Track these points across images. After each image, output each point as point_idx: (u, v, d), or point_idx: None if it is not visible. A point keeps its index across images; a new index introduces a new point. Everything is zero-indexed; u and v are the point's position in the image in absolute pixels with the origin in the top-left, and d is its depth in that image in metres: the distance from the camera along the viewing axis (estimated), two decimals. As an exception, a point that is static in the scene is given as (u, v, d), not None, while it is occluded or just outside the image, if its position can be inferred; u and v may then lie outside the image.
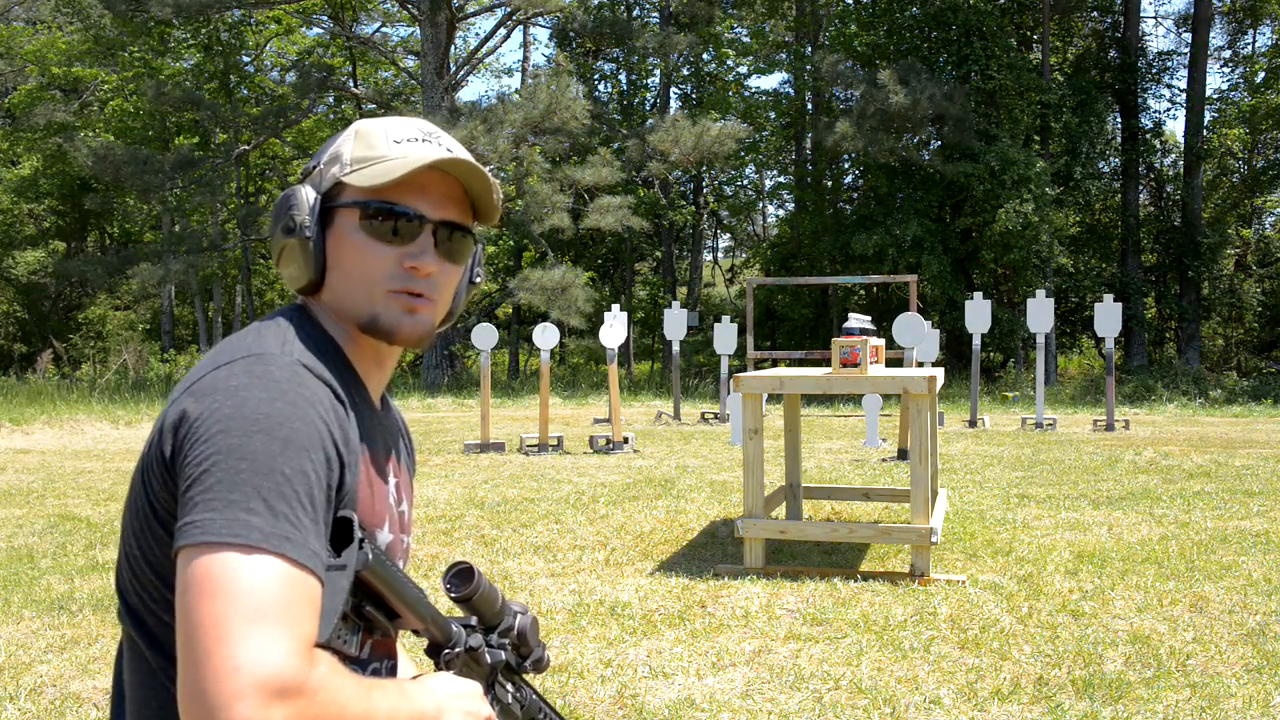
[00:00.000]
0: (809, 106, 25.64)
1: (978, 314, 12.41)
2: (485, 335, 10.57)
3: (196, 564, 0.92)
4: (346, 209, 1.17)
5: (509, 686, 1.21)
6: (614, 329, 10.49)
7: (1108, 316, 11.92)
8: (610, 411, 10.44)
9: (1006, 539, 5.45)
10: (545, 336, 10.38)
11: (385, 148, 1.18)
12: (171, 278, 20.36)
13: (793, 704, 3.14)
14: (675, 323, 14.13)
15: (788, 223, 28.13)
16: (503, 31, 21.69)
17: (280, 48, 28.49)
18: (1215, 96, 25.59)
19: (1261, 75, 25.42)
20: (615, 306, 13.35)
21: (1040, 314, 12.13)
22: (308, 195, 1.18)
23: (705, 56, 27.91)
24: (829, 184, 26.08)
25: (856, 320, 5.89)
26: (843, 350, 4.99)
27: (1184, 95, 23.33)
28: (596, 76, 28.02)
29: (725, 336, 13.69)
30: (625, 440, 9.97)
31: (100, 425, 13.18)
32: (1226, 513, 6.21)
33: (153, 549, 1.07)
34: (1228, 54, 27.02)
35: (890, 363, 12.50)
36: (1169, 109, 43.66)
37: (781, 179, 29.90)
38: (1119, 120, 24.21)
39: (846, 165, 25.82)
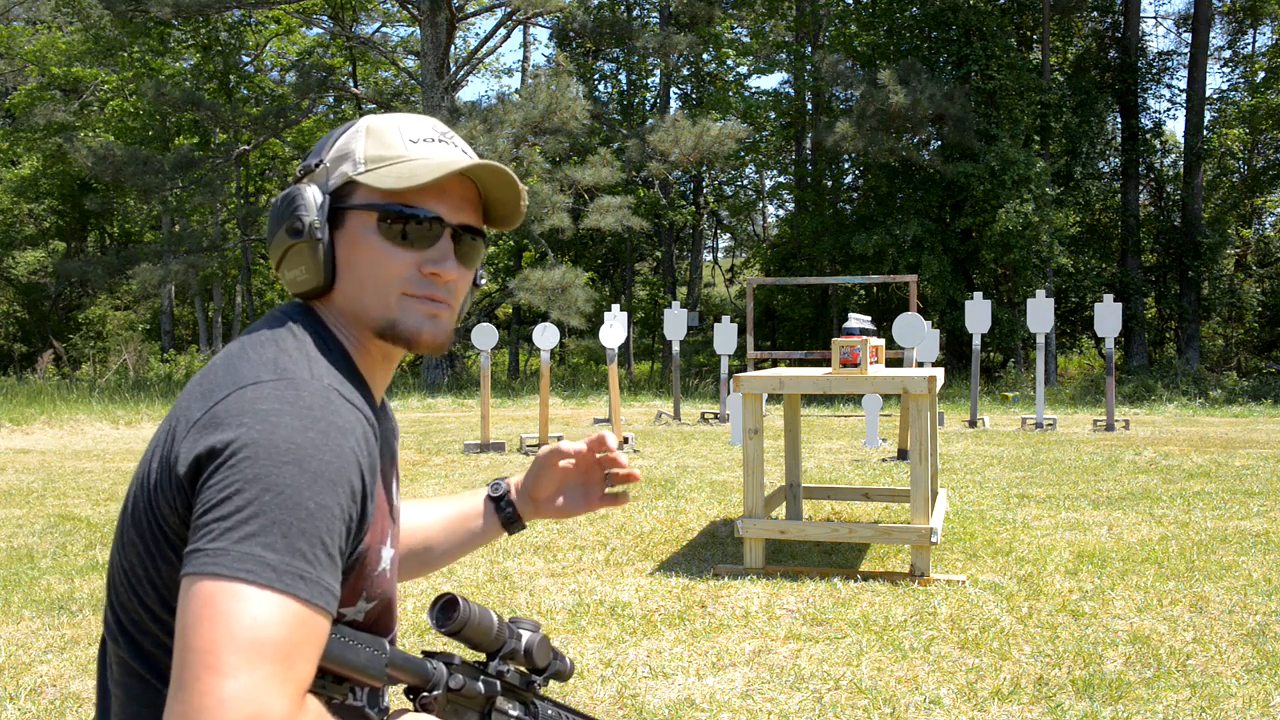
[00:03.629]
0: (809, 106, 25.65)
1: (978, 314, 12.40)
2: (485, 335, 10.57)
3: (201, 590, 0.89)
4: (361, 210, 1.12)
5: (511, 710, 1.17)
6: (614, 329, 10.49)
7: (1108, 316, 11.92)
8: (610, 411, 10.44)
9: (1006, 539, 5.45)
10: (545, 336, 10.38)
11: (402, 147, 1.13)
12: (171, 278, 20.38)
13: (793, 704, 3.14)
14: (675, 323, 14.12)
15: (788, 223, 28.15)
16: (503, 31, 21.70)
17: (280, 48, 28.51)
18: (1215, 96, 25.60)
19: (1261, 75, 25.43)
20: (615, 306, 13.34)
21: (1040, 314, 12.13)
22: (314, 195, 1.12)
23: (705, 56, 27.93)
24: (829, 184, 26.09)
25: (856, 320, 5.88)
26: (843, 350, 4.99)
27: (1184, 95, 23.32)
28: (596, 76, 28.04)
29: (725, 336, 13.68)
30: (625, 440, 9.97)
31: (100, 425, 13.18)
32: (1226, 513, 6.21)
33: (159, 571, 1.03)
34: (1228, 54, 27.04)
35: (890, 363, 12.52)
36: (1169, 109, 43.79)
37: (781, 179, 29.94)
38: (1119, 120, 24.21)
39: (846, 165, 25.83)
